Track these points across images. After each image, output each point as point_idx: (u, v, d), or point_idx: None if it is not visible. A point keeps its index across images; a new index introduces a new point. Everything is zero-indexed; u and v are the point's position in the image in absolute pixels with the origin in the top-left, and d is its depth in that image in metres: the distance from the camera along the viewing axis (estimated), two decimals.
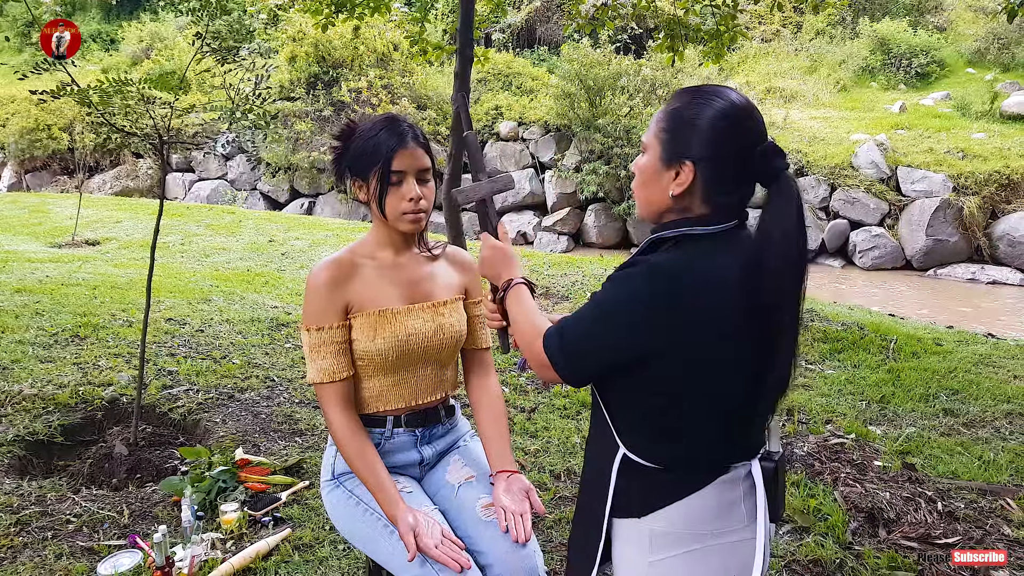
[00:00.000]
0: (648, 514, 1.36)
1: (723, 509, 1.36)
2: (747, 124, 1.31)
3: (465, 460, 1.83)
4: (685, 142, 1.31)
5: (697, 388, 1.31)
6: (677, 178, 1.32)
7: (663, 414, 1.34)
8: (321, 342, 1.69)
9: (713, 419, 1.34)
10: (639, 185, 1.40)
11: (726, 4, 5.91)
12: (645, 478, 1.36)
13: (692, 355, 1.28)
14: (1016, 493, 3.22)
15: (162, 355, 4.43)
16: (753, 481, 1.38)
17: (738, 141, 1.30)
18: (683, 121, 1.32)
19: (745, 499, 1.37)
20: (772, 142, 1.30)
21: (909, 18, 19.10)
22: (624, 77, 13.03)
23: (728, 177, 1.31)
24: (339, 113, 14.19)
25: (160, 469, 3.21)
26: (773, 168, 1.28)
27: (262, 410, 3.75)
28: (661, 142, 1.34)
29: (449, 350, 1.80)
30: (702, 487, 1.34)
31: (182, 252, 8.08)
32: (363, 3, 5.99)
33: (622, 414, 1.39)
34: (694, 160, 1.30)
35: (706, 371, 1.30)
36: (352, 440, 1.67)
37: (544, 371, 1.39)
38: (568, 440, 3.56)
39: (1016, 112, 13.72)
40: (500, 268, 1.57)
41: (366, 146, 1.68)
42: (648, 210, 1.40)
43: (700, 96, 1.33)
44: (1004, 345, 5.32)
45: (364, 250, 1.76)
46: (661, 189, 1.34)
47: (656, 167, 1.35)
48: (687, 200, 1.33)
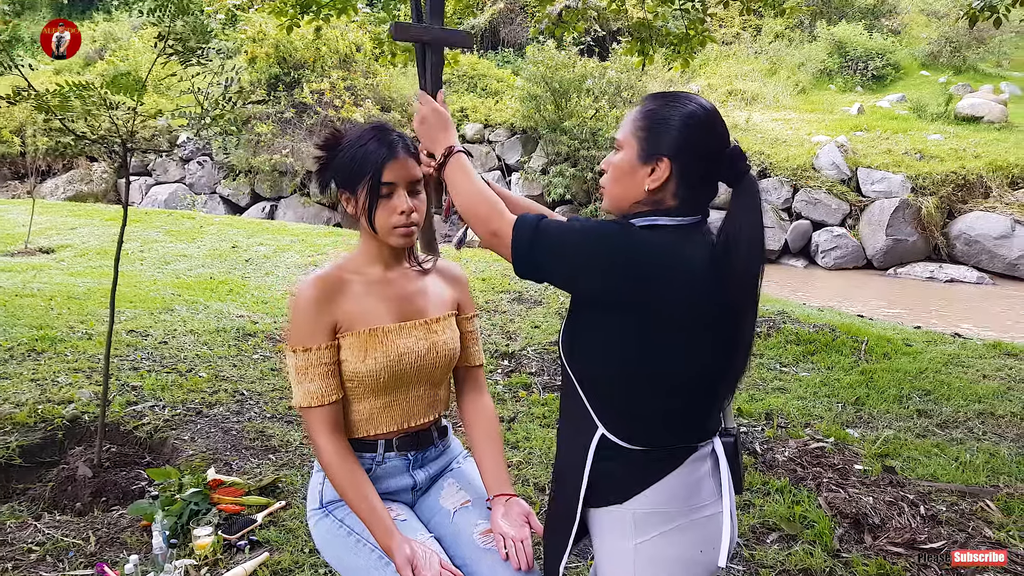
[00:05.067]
0: (631, 498, 1.42)
1: (696, 486, 1.45)
2: (717, 128, 1.42)
3: (460, 484, 1.75)
4: (662, 140, 1.40)
5: (660, 363, 1.38)
6: (653, 174, 1.41)
7: (633, 389, 1.41)
8: (308, 364, 1.60)
9: (681, 398, 1.42)
10: (613, 180, 1.47)
11: (695, 8, 5.91)
12: (625, 461, 1.43)
13: (655, 323, 1.36)
14: (994, 494, 3.25)
15: (124, 369, 4.27)
16: (716, 458, 1.49)
17: (709, 142, 1.41)
18: (660, 121, 1.41)
19: (712, 474, 1.48)
20: (737, 145, 1.42)
21: (865, 21, 19.47)
22: (590, 79, 13.03)
23: (699, 175, 1.42)
24: (301, 115, 13.96)
25: (127, 491, 3.07)
26: (738, 169, 1.40)
27: (232, 426, 3.62)
28: (638, 140, 1.43)
29: (443, 369, 1.72)
30: (678, 466, 1.43)
31: (141, 259, 7.84)
32: (329, 4, 5.87)
33: (597, 391, 1.44)
34: (670, 157, 1.39)
35: (668, 349, 1.38)
36: (342, 467, 1.59)
37: (496, 243, 1.44)
38: (550, 451, 3.49)
39: (970, 114, 14.06)
40: (438, 132, 1.59)
41: (354, 157, 1.60)
42: (619, 203, 1.47)
43: (674, 99, 1.44)
44: (971, 345, 5.40)
45: (352, 266, 1.68)
46: (636, 184, 1.43)
47: (632, 163, 1.43)
48: (660, 194, 1.42)
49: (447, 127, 1.59)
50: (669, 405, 1.42)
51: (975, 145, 12.47)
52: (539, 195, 13.23)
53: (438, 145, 1.57)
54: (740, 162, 1.40)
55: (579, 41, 14.68)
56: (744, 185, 1.39)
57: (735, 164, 1.40)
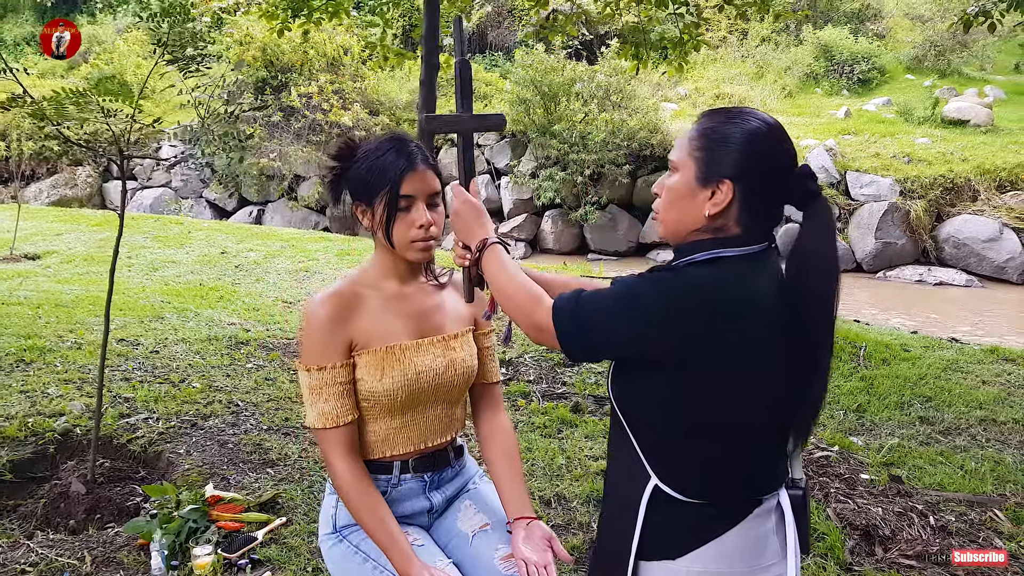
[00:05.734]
0: (685, 555, 1.30)
1: (758, 544, 1.32)
2: (783, 146, 1.30)
3: (477, 506, 1.70)
4: (723, 161, 1.28)
5: (731, 411, 1.27)
6: (713, 197, 1.29)
7: (696, 439, 1.29)
8: (323, 383, 1.53)
9: (749, 446, 1.30)
10: (668, 205, 1.35)
11: (690, 12, 5.89)
12: (680, 514, 1.30)
13: (723, 374, 1.25)
14: (1002, 503, 3.23)
15: (116, 380, 4.17)
16: (782, 512, 1.35)
17: (775, 162, 1.29)
18: (720, 139, 1.29)
19: (777, 531, 1.34)
20: (806, 165, 1.30)
21: (850, 25, 19.60)
22: (579, 83, 13.00)
23: (764, 198, 1.30)
24: (288, 119, 13.84)
25: (122, 508, 2.98)
26: (808, 191, 1.28)
27: (228, 439, 3.54)
28: (696, 161, 1.31)
29: (461, 387, 1.66)
30: (740, 521, 1.30)
31: (128, 266, 7.72)
32: (321, 7, 5.80)
33: (652, 440, 1.32)
34: (732, 179, 1.27)
35: (739, 393, 1.26)
36: (359, 490, 1.52)
37: (541, 335, 1.35)
38: (553, 461, 3.44)
39: (956, 117, 14.14)
40: (473, 226, 1.50)
41: (371, 168, 1.54)
42: (676, 231, 1.35)
43: (735, 115, 1.31)
44: (969, 350, 5.40)
45: (367, 280, 1.62)
46: (695, 209, 1.31)
47: (691, 186, 1.31)
48: (721, 220, 1.30)
49: (481, 218, 1.51)
50: (735, 455, 1.30)
51: (962, 148, 12.54)
52: (528, 199, 13.18)
53: (473, 238, 1.49)
54: (810, 183, 1.29)
55: (567, 45, 14.67)
56: (815, 208, 1.28)
57: (804, 185, 1.29)
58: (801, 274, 1.27)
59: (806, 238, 1.28)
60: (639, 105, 13.17)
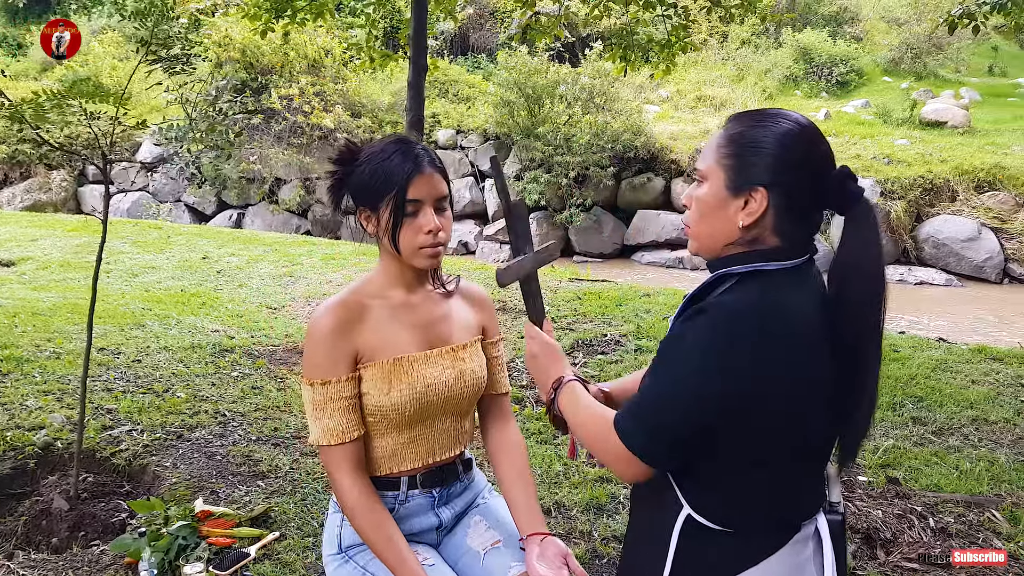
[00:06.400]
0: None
1: (795, 572, 1.24)
2: (820, 147, 1.22)
3: (488, 521, 1.64)
4: (755, 167, 1.20)
5: (780, 439, 1.19)
6: (747, 207, 1.21)
7: (736, 468, 1.20)
8: (327, 398, 1.47)
9: (792, 472, 1.23)
10: (699, 217, 1.27)
11: (678, 15, 5.87)
12: (715, 544, 1.22)
13: (773, 404, 1.16)
14: (999, 504, 3.22)
15: (97, 390, 4.06)
16: (820, 537, 1.27)
17: (811, 165, 1.20)
18: (750, 144, 1.21)
19: (814, 558, 1.26)
20: (846, 165, 1.21)
21: (828, 28, 19.77)
22: (563, 85, 12.98)
23: (802, 204, 1.21)
24: (268, 121, 13.69)
25: (107, 525, 2.88)
26: (850, 193, 1.20)
27: (216, 450, 3.45)
28: (726, 168, 1.22)
29: (470, 399, 1.60)
30: (778, 550, 1.23)
31: (107, 272, 7.56)
32: (305, 8, 5.71)
33: (689, 471, 1.24)
34: (766, 186, 1.19)
35: (788, 421, 1.18)
36: (368, 510, 1.46)
37: (625, 466, 1.22)
38: (550, 469, 3.38)
39: (934, 119, 14.30)
40: (549, 367, 1.43)
41: (376, 172, 1.48)
42: (709, 245, 1.27)
43: (765, 118, 1.23)
44: (957, 350, 5.42)
45: (371, 290, 1.55)
46: (727, 220, 1.22)
47: (721, 196, 1.23)
48: (756, 231, 1.22)
49: (558, 359, 1.43)
50: (777, 482, 1.22)
51: (941, 150, 12.67)
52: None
53: (550, 379, 1.42)
54: (851, 184, 1.19)
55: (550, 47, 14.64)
56: (858, 211, 1.19)
57: (845, 187, 1.19)
58: (845, 287, 1.19)
59: (849, 246, 1.19)
60: (622, 107, 13.18)
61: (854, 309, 1.18)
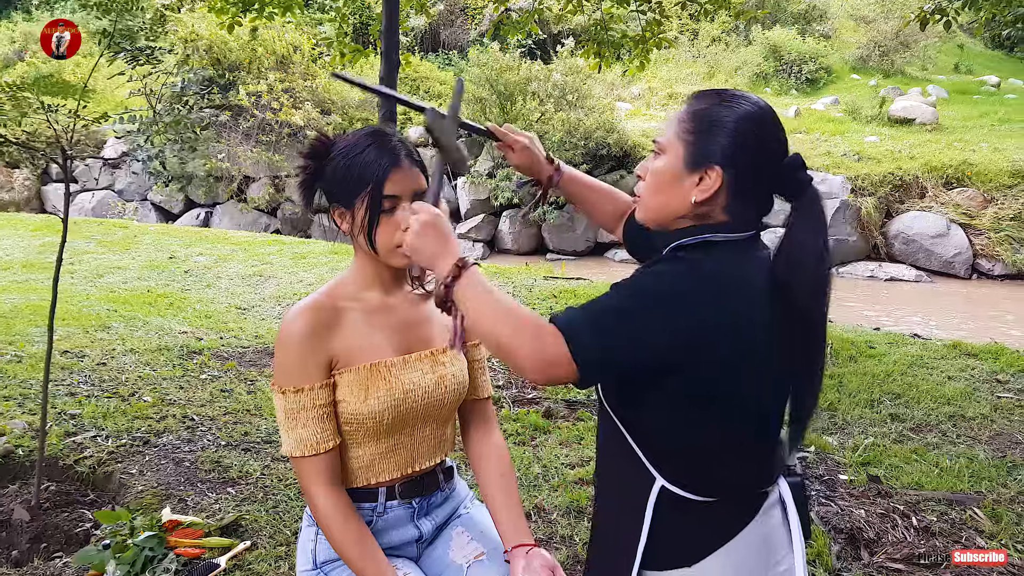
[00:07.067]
0: (700, 560, 1.23)
1: (771, 538, 1.27)
2: (777, 132, 1.25)
3: (471, 533, 1.56)
4: (714, 145, 1.22)
5: (740, 398, 1.21)
6: (701, 183, 1.23)
7: (703, 433, 1.22)
8: (300, 406, 1.38)
9: (755, 435, 1.26)
10: (653, 189, 1.28)
11: (652, 10, 5.83)
12: (692, 516, 1.23)
13: (733, 359, 1.18)
14: (980, 501, 3.21)
15: (61, 395, 3.92)
16: (784, 502, 1.31)
17: (768, 149, 1.23)
18: (711, 122, 1.23)
19: (783, 523, 1.30)
20: (798, 154, 1.25)
21: (797, 26, 19.95)
22: (535, 82, 12.92)
23: (754, 186, 1.24)
24: (236, 118, 13.45)
25: (70, 536, 2.77)
26: (800, 180, 1.23)
27: (184, 456, 3.34)
28: (685, 144, 1.24)
29: (451, 405, 1.53)
30: (753, 518, 1.26)
31: (71, 272, 7.36)
32: (272, 2, 5.58)
33: (655, 439, 1.24)
34: (723, 165, 1.21)
35: (746, 379, 1.21)
36: (344, 524, 1.38)
37: (551, 369, 1.13)
38: (529, 471, 3.32)
39: (902, 116, 14.47)
40: (445, 244, 1.23)
41: (351, 166, 1.40)
42: (659, 216, 1.29)
43: (728, 97, 1.25)
44: (932, 346, 5.44)
45: (346, 291, 1.47)
46: (681, 194, 1.24)
47: (678, 170, 1.24)
48: (707, 207, 1.24)
49: (452, 238, 1.25)
50: (742, 445, 1.24)
51: (910, 147, 12.81)
52: (485, 199, 13.05)
53: (447, 258, 1.22)
54: (801, 173, 1.22)
55: (522, 44, 14.58)
56: (807, 199, 1.22)
57: (795, 174, 1.22)
58: (792, 270, 1.20)
59: (796, 230, 1.22)
60: (595, 104, 13.15)
61: (802, 290, 1.20)
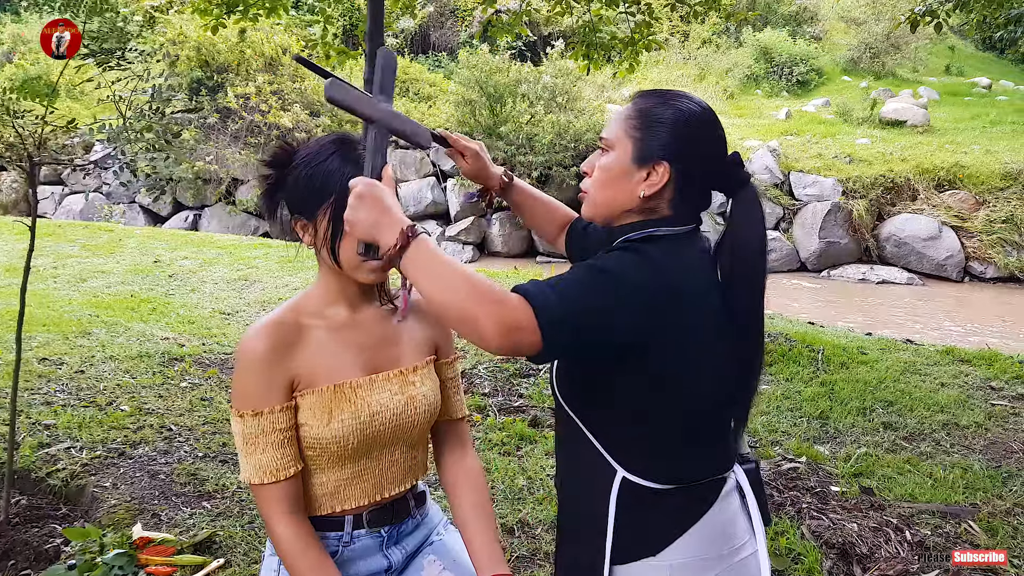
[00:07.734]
0: (665, 548, 1.25)
1: (731, 523, 1.31)
2: (718, 131, 1.30)
3: (443, 562, 1.48)
4: (660, 142, 1.26)
5: (695, 381, 1.24)
6: (648, 178, 1.27)
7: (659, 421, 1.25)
8: (259, 431, 1.30)
9: (708, 422, 1.29)
10: (600, 185, 1.31)
11: (642, 12, 5.76)
12: (654, 505, 1.26)
13: (683, 346, 1.21)
14: (975, 514, 3.15)
15: (36, 404, 3.82)
16: (741, 489, 1.35)
17: (711, 147, 1.29)
18: (658, 120, 1.27)
19: (742, 508, 1.34)
20: (736, 152, 1.31)
21: (788, 28, 19.95)
22: (524, 84, 12.85)
23: (698, 182, 1.29)
24: (225, 120, 13.34)
25: (39, 552, 2.67)
26: (739, 177, 1.29)
27: (160, 468, 3.24)
28: (633, 140, 1.28)
29: (422, 427, 1.45)
30: (713, 503, 1.29)
31: (54, 276, 7.26)
32: (257, 2, 5.48)
33: (612, 431, 1.28)
34: (670, 161, 1.25)
35: (696, 366, 1.24)
36: (305, 555, 1.30)
37: (513, 334, 1.07)
38: (514, 483, 3.24)
39: (893, 118, 14.47)
40: (378, 215, 1.13)
41: (313, 176, 1.32)
42: (606, 211, 1.32)
43: (672, 97, 1.29)
44: (925, 351, 5.39)
45: (310, 307, 1.39)
46: (629, 189, 1.28)
47: (626, 166, 1.28)
48: (654, 202, 1.28)
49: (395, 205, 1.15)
50: (697, 433, 1.28)
51: (901, 149, 12.80)
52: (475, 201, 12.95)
53: (385, 232, 1.12)
54: (740, 170, 1.29)
55: (511, 46, 14.50)
56: (745, 194, 1.29)
57: (735, 172, 1.29)
58: (733, 262, 1.27)
59: (736, 224, 1.28)
60: (585, 107, 13.09)
61: (742, 281, 1.27)
